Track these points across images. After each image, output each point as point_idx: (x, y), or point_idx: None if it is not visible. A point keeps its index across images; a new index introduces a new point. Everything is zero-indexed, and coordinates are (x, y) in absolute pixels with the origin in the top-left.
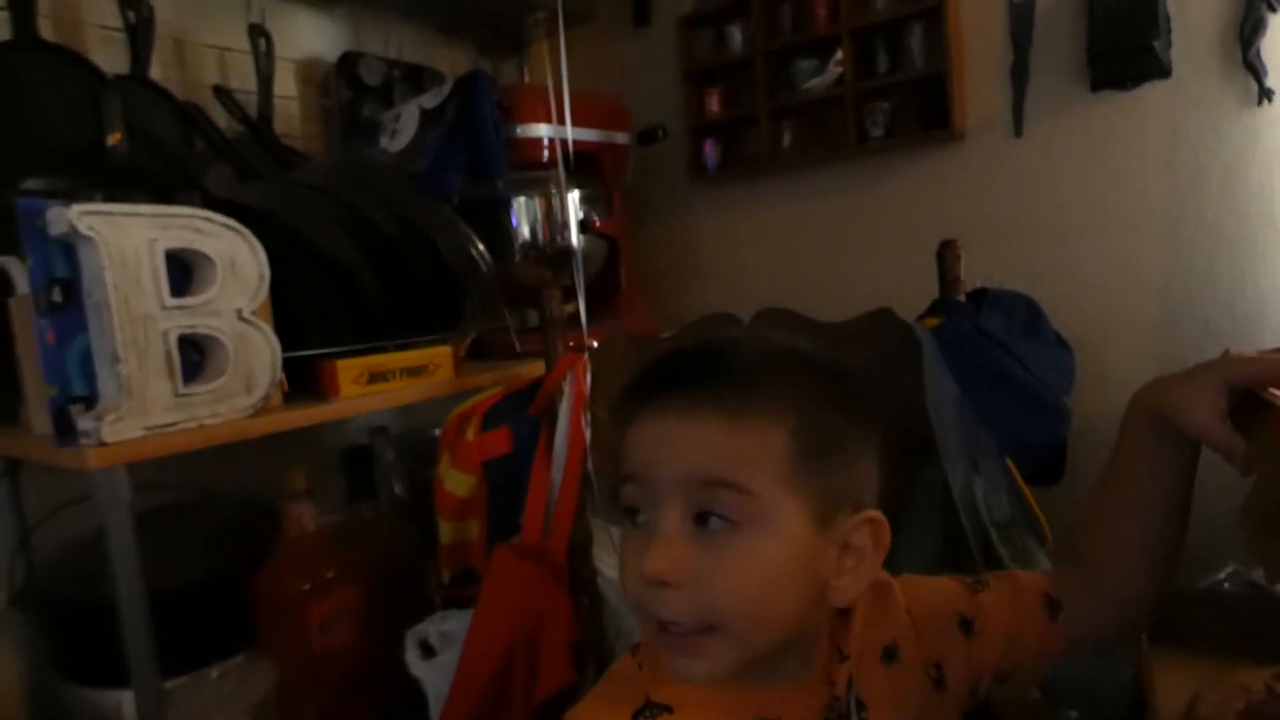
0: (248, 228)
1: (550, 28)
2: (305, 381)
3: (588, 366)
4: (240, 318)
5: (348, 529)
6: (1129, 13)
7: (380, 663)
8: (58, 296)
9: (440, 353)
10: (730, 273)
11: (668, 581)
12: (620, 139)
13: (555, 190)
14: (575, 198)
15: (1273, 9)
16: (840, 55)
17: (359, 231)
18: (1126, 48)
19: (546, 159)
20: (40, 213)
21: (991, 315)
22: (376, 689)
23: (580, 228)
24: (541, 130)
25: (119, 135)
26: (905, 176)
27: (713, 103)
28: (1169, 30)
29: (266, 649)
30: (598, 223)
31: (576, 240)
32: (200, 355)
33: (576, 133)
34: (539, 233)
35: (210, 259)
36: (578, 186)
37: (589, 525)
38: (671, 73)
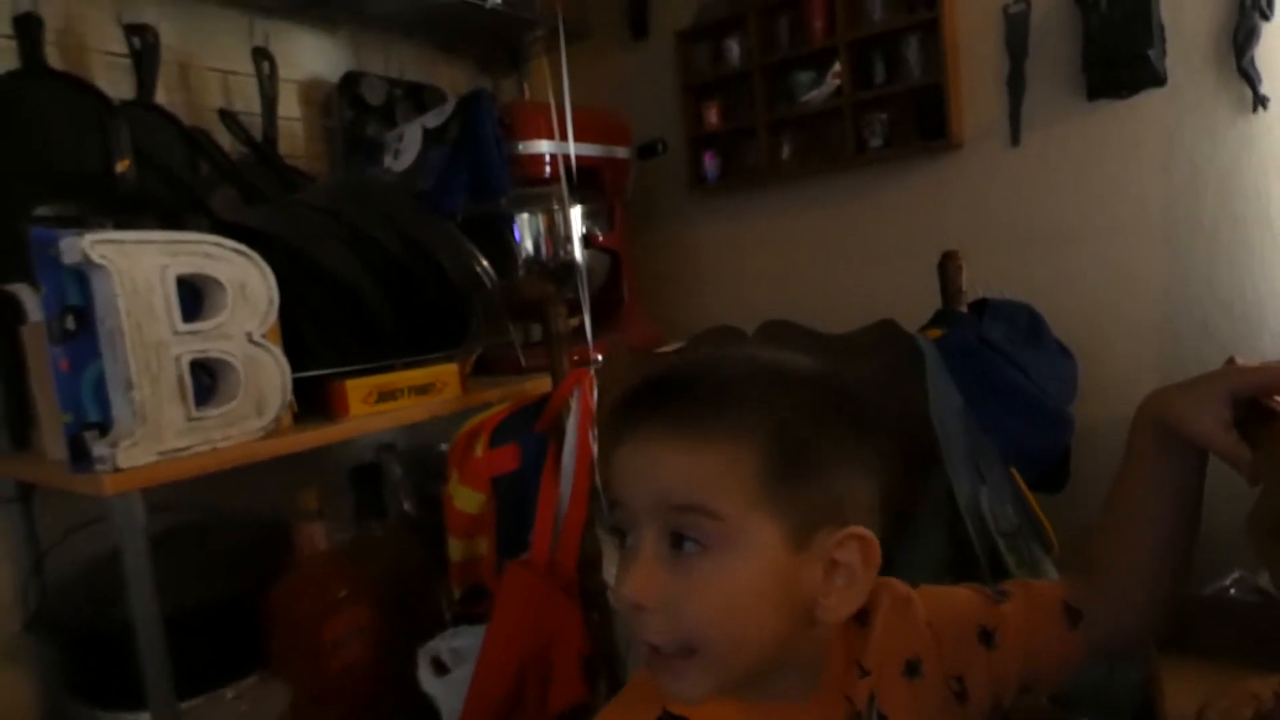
0: (256, 251)
1: (549, 44)
2: (314, 401)
3: (594, 382)
4: (250, 341)
5: (358, 547)
6: (1123, 22)
7: (393, 680)
8: (71, 324)
9: (447, 370)
10: (731, 283)
11: (643, 605)
12: (621, 153)
13: (558, 206)
14: (578, 213)
15: (1265, 17)
16: (838, 67)
17: (365, 251)
18: (1121, 56)
19: (548, 175)
20: (53, 242)
21: (994, 325)
22: (389, 707)
23: (583, 243)
24: (543, 146)
25: (127, 162)
26: (903, 186)
27: (711, 115)
28: (1163, 39)
29: (280, 669)
30: (600, 237)
31: (580, 256)
32: (211, 378)
33: (578, 148)
34: (542, 248)
35: (221, 284)
36: (580, 202)
37: (598, 540)
38: (670, 86)
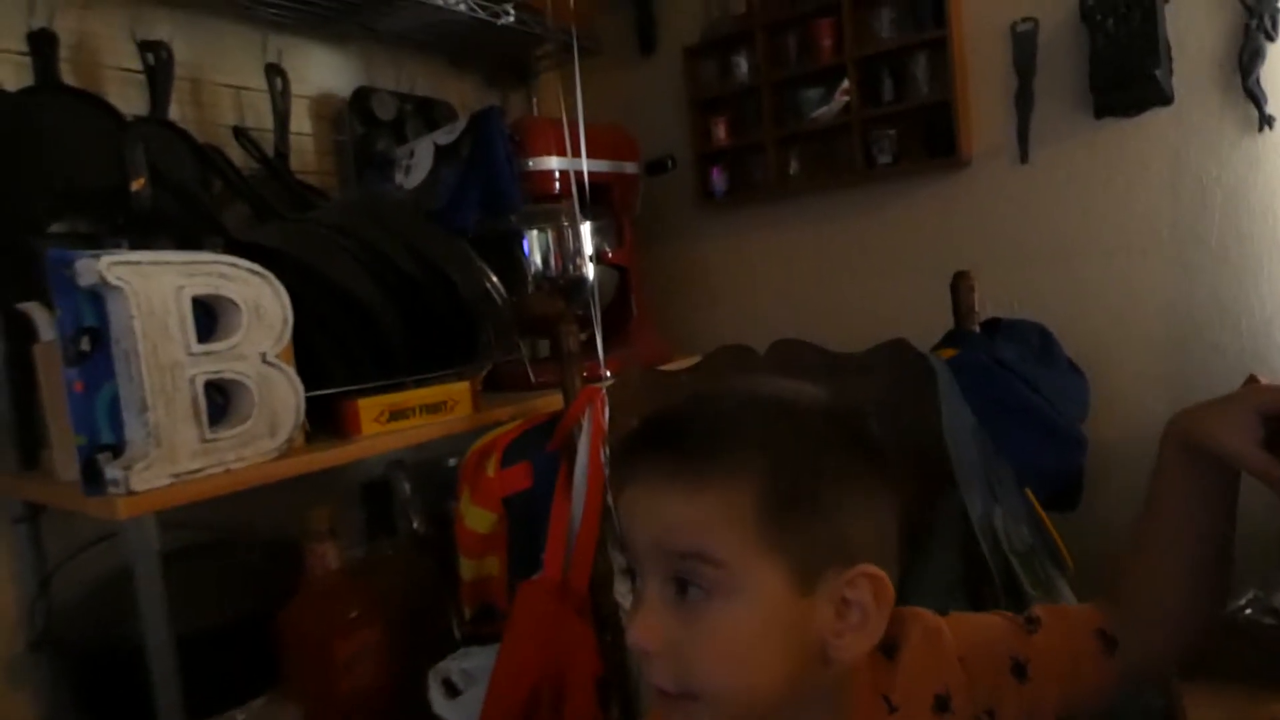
0: (270, 269)
1: (557, 59)
2: (326, 420)
3: (606, 400)
4: (264, 361)
5: (369, 566)
6: (1130, 41)
7: (404, 701)
8: (86, 345)
9: (459, 389)
10: (740, 298)
11: (648, 651)
12: (629, 169)
13: (567, 222)
14: (588, 229)
15: (1270, 38)
16: (846, 84)
17: (377, 269)
18: (1128, 76)
19: (558, 191)
20: (69, 263)
21: (1006, 345)
22: None
23: (593, 259)
24: (553, 163)
25: (142, 181)
26: (912, 203)
27: (719, 131)
28: (1170, 58)
29: (291, 690)
30: (609, 253)
31: (591, 273)
32: (225, 399)
33: (588, 164)
34: (551, 264)
35: (235, 304)
36: (589, 218)
37: (610, 559)
38: (678, 102)
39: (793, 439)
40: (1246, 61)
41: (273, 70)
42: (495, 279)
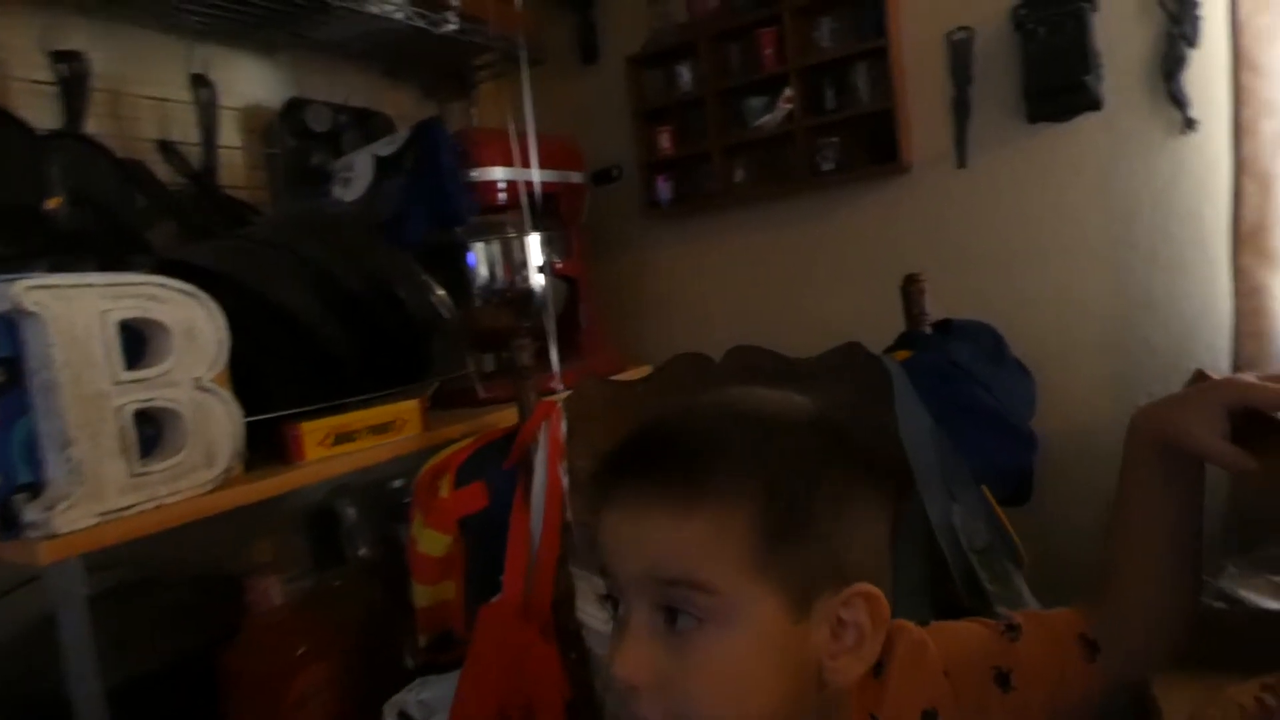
0: (204, 290)
1: (498, 69)
2: (267, 445)
3: (562, 414)
4: (199, 386)
5: (315, 598)
6: (1061, 49)
7: None
8: (0, 378)
9: (407, 408)
10: (690, 306)
11: (636, 686)
12: (575, 179)
13: (515, 233)
14: (537, 240)
15: (1191, 44)
16: (789, 93)
17: (318, 286)
18: (1060, 82)
19: (503, 202)
20: None
21: (960, 346)
22: None
23: (544, 271)
24: (497, 173)
25: (59, 200)
26: (856, 208)
27: (664, 140)
28: (1099, 65)
29: None
30: (559, 264)
31: (543, 285)
32: (156, 429)
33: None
34: (499, 276)
35: (166, 327)
36: (538, 229)
37: (571, 577)
38: (622, 111)
39: (787, 458)
40: (1170, 67)
41: (198, 81)
42: (442, 293)
